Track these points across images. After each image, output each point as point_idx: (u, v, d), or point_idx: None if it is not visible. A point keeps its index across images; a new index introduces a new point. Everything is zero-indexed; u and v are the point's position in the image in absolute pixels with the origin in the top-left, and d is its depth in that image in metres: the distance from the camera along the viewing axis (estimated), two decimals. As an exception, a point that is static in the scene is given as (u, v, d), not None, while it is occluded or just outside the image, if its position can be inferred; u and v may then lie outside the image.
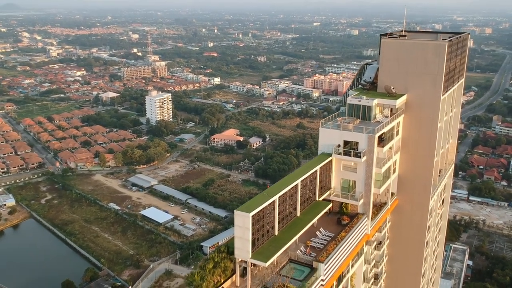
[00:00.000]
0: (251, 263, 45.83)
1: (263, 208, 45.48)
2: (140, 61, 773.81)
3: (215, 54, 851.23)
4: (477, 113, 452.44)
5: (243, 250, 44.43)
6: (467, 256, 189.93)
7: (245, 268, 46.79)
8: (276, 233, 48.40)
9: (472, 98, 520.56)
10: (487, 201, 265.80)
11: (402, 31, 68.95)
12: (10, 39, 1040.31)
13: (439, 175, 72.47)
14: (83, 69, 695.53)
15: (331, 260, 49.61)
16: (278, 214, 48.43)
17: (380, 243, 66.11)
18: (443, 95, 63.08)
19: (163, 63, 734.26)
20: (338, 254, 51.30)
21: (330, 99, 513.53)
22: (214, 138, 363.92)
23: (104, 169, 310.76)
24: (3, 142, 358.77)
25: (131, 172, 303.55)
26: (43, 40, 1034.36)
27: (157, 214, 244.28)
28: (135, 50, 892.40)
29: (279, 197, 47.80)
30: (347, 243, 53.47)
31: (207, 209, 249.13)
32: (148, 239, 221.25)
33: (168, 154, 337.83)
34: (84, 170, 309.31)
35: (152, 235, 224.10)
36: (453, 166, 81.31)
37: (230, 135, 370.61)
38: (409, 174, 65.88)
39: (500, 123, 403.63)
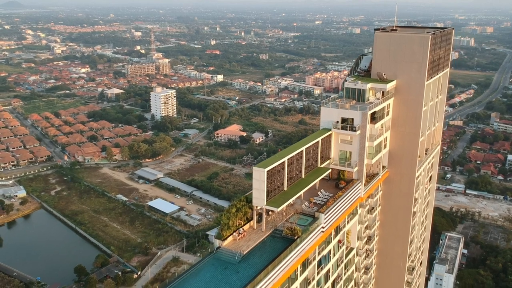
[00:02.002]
0: (266, 210, 55.67)
1: (275, 166, 55.19)
2: (143, 59, 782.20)
3: (217, 52, 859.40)
4: (476, 110, 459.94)
5: (260, 199, 54.10)
6: (461, 244, 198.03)
7: (260, 215, 56.39)
8: (285, 188, 58.18)
9: (471, 96, 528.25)
10: (483, 194, 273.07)
11: (394, 26, 77.99)
12: (14, 36, 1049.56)
13: (426, 153, 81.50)
14: (87, 66, 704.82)
15: (330, 212, 58.98)
16: (287, 174, 58.03)
17: (372, 208, 75.12)
18: (427, 80, 72.14)
19: (166, 60, 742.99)
20: (336, 208, 60.66)
21: (332, 96, 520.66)
22: (217, 134, 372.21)
23: (111, 162, 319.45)
24: (11, 136, 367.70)
25: (138, 166, 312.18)
26: (46, 38, 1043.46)
27: (164, 205, 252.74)
28: (138, 47, 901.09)
29: (288, 159, 57.54)
30: (344, 201, 62.94)
31: (212, 201, 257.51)
32: (155, 228, 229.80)
33: (173, 149, 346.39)
34: (92, 163, 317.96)
35: (159, 225, 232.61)
36: (439, 146, 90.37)
37: (234, 130, 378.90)
38: (398, 149, 75.18)
39: (498, 120, 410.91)
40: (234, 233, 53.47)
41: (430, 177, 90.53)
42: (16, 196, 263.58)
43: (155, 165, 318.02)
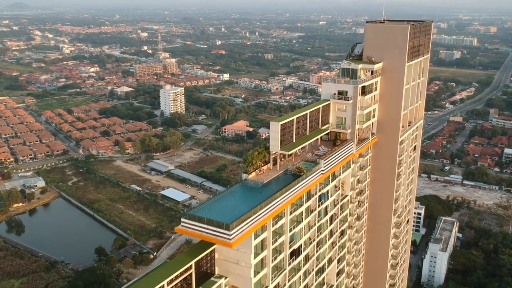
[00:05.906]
0: (280, 155, 71.42)
1: (287, 122, 71.30)
2: (150, 58, 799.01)
3: (223, 52, 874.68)
4: (476, 107, 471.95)
5: (275, 146, 70.24)
6: (456, 227, 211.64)
7: (275, 160, 71.97)
8: (294, 140, 74.13)
9: (472, 93, 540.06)
10: (479, 184, 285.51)
11: (382, 19, 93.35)
12: (22, 37, 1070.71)
13: (409, 125, 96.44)
14: (96, 65, 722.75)
15: (328, 160, 74.36)
16: (295, 130, 73.57)
17: (363, 166, 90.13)
18: (408, 62, 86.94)
19: (173, 60, 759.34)
20: (333, 158, 75.97)
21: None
22: (225, 129, 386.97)
23: (124, 155, 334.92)
24: (27, 131, 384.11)
25: (149, 159, 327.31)
26: (55, 38, 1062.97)
27: (176, 194, 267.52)
28: (145, 47, 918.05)
29: (295, 118, 73.54)
30: (339, 153, 78.30)
31: (221, 190, 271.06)
32: (168, 215, 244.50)
33: (182, 143, 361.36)
34: (105, 156, 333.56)
35: (172, 212, 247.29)
36: (421, 121, 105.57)
37: (240, 126, 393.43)
38: (385, 119, 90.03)
39: (497, 116, 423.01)
40: (256, 170, 69.19)
41: (415, 147, 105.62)
42: (36, 186, 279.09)
43: (166, 158, 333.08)
